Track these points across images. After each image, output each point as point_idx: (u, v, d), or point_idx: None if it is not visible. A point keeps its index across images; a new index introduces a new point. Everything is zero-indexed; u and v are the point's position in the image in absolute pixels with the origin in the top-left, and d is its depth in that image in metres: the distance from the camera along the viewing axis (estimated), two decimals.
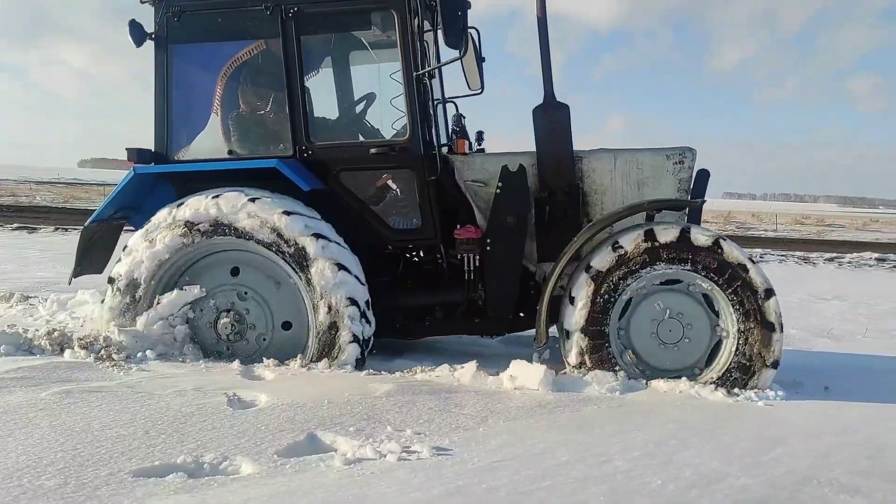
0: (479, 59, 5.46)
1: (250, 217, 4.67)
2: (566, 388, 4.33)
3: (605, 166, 5.11)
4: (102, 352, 4.68)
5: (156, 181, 5.28)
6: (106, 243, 5.56)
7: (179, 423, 3.32)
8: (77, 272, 5.45)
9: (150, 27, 5.15)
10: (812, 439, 3.44)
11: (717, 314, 4.45)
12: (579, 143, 5.09)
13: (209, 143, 5.34)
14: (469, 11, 4.81)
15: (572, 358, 4.50)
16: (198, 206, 4.73)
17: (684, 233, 4.36)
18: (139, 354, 4.68)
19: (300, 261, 4.65)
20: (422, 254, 5.48)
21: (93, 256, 5.48)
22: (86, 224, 5.33)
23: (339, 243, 4.75)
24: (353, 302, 4.64)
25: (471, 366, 4.51)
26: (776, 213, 43.11)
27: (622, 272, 4.41)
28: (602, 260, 4.44)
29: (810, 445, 3.33)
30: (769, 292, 4.28)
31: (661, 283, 4.52)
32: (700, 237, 4.34)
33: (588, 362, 4.45)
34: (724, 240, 4.36)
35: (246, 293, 4.92)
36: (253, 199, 4.70)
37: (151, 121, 5.16)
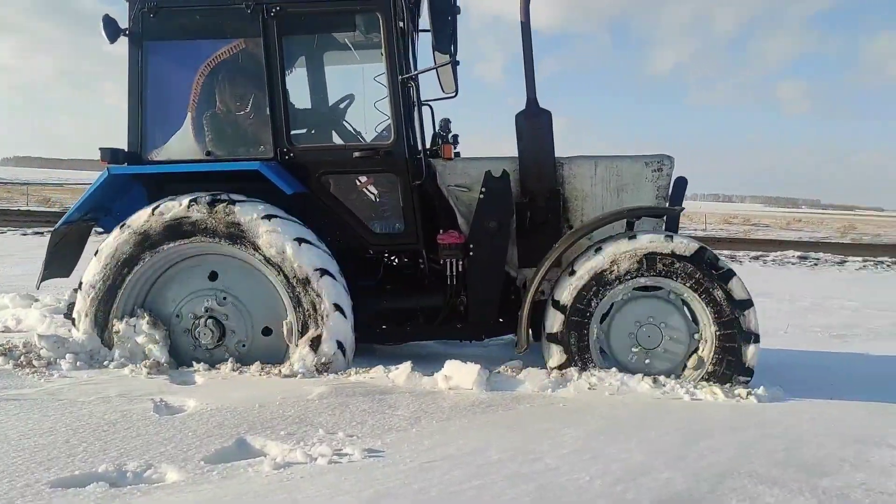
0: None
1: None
2: (500, 386, 4.37)
3: (585, 172, 5.17)
4: (22, 358, 4.50)
5: (127, 182, 5.07)
6: (74, 246, 5.32)
7: (102, 431, 3.23)
8: (45, 275, 5.21)
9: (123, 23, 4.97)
10: (734, 433, 3.55)
11: (695, 321, 4.54)
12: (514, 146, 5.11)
13: (185, 143, 5.18)
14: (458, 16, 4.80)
15: (553, 361, 4.53)
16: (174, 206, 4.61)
17: (667, 241, 4.44)
18: (63, 361, 4.52)
19: (279, 265, 4.57)
20: (404, 258, 5.39)
21: (60, 259, 5.24)
22: (55, 227, 5.13)
23: (322, 248, 4.68)
24: (338, 308, 4.58)
25: (405, 367, 4.50)
26: (705, 214, 44.40)
27: (605, 279, 4.46)
28: (586, 266, 4.47)
29: (732, 439, 3.44)
30: (748, 302, 4.39)
31: (640, 289, 4.57)
32: (681, 245, 4.42)
33: (569, 365, 4.49)
34: (707, 249, 4.45)
35: (225, 298, 4.80)
36: (232, 202, 4.61)
37: (85, 118, 5.02)
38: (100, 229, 5.42)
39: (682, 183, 5.22)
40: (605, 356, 4.63)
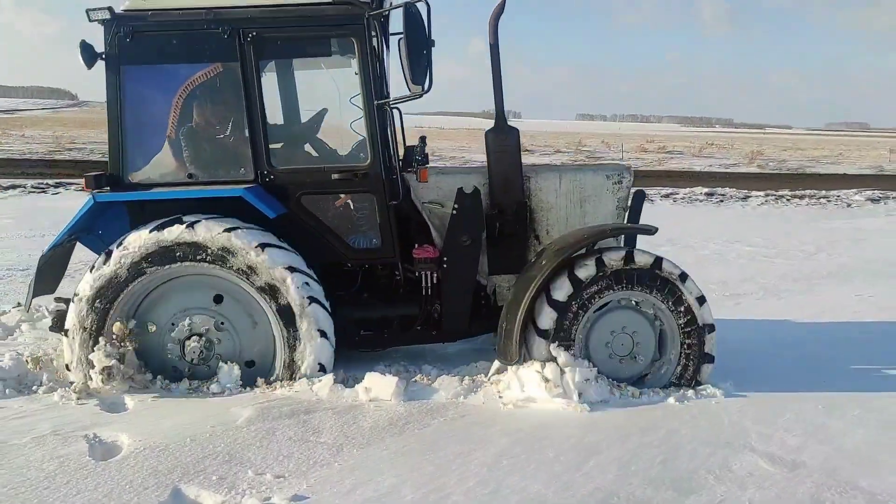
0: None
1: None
2: (417, 396, 4.77)
3: (550, 185, 5.54)
4: None
5: (109, 203, 5.12)
6: (57, 264, 5.45)
7: (42, 489, 3.43)
8: (34, 296, 5.36)
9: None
10: (620, 443, 4.04)
11: (661, 322, 5.00)
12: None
13: (166, 165, 5.28)
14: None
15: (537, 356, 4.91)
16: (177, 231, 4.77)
17: (629, 256, 4.84)
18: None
19: (273, 293, 4.82)
20: (379, 269, 5.59)
21: (46, 279, 5.35)
22: (43, 252, 5.24)
23: (310, 275, 4.92)
24: (323, 334, 4.88)
25: (328, 379, 4.82)
26: (622, 141, 45.56)
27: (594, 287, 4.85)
28: (586, 271, 4.84)
29: (617, 452, 3.92)
30: (701, 299, 4.90)
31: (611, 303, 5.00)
32: (641, 259, 4.84)
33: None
34: (664, 259, 4.88)
35: (223, 323, 5.00)
36: (230, 230, 4.80)
37: None
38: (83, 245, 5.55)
39: (640, 196, 5.71)
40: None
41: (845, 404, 4.72)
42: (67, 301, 5.09)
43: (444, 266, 5.31)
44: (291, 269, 4.82)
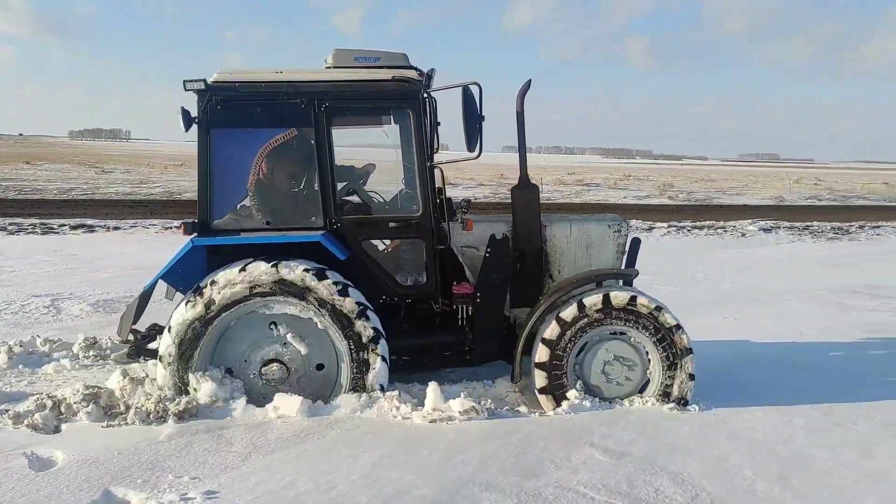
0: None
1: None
2: (319, 412, 5.50)
3: (563, 233, 6.50)
4: None
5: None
6: (145, 300, 6.26)
7: None
8: (130, 328, 6.25)
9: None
10: (484, 443, 4.90)
11: (647, 352, 5.87)
12: None
13: (245, 214, 6.13)
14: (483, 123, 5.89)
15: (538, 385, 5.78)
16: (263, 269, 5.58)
17: (605, 298, 5.76)
18: None
19: (345, 324, 5.62)
20: (418, 303, 6.41)
21: (138, 310, 6.22)
22: (144, 288, 6.10)
23: (375, 315, 5.71)
24: (384, 359, 5.68)
25: (241, 401, 5.53)
26: (543, 173, 47.17)
27: (581, 324, 5.78)
28: (569, 312, 5.76)
29: (480, 451, 4.77)
30: (678, 327, 5.78)
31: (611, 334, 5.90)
32: (618, 297, 5.76)
33: (550, 390, 5.76)
34: (639, 295, 5.81)
35: (285, 344, 5.78)
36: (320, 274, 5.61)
37: None
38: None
39: (635, 243, 6.76)
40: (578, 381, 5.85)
41: (681, 410, 5.69)
42: (149, 332, 6.43)
43: (478, 300, 6.19)
44: (362, 306, 5.63)
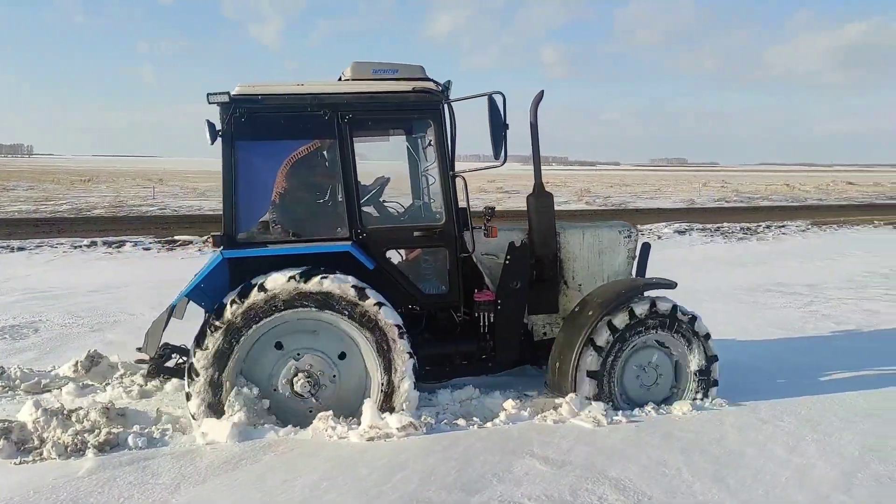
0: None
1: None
2: (250, 436, 5.28)
3: (576, 240, 6.53)
4: None
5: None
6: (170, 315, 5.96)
7: None
8: (159, 343, 6.06)
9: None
10: (423, 459, 4.81)
11: (676, 355, 6.04)
12: None
13: (270, 226, 6.06)
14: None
15: (584, 392, 5.84)
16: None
17: (653, 305, 5.92)
18: None
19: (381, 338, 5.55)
20: (439, 311, 6.34)
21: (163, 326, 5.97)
22: (173, 302, 5.79)
23: (408, 337, 5.61)
24: (414, 368, 5.59)
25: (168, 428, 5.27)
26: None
27: (630, 332, 5.90)
28: (621, 319, 5.87)
29: (421, 466, 4.68)
30: (708, 336, 6.01)
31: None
32: (662, 306, 5.92)
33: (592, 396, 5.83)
34: (678, 306, 5.95)
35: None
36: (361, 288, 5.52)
37: None
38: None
39: (646, 248, 6.87)
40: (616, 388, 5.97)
41: (613, 413, 5.75)
42: (164, 351, 6.41)
43: (498, 307, 6.15)
44: (398, 325, 5.55)
